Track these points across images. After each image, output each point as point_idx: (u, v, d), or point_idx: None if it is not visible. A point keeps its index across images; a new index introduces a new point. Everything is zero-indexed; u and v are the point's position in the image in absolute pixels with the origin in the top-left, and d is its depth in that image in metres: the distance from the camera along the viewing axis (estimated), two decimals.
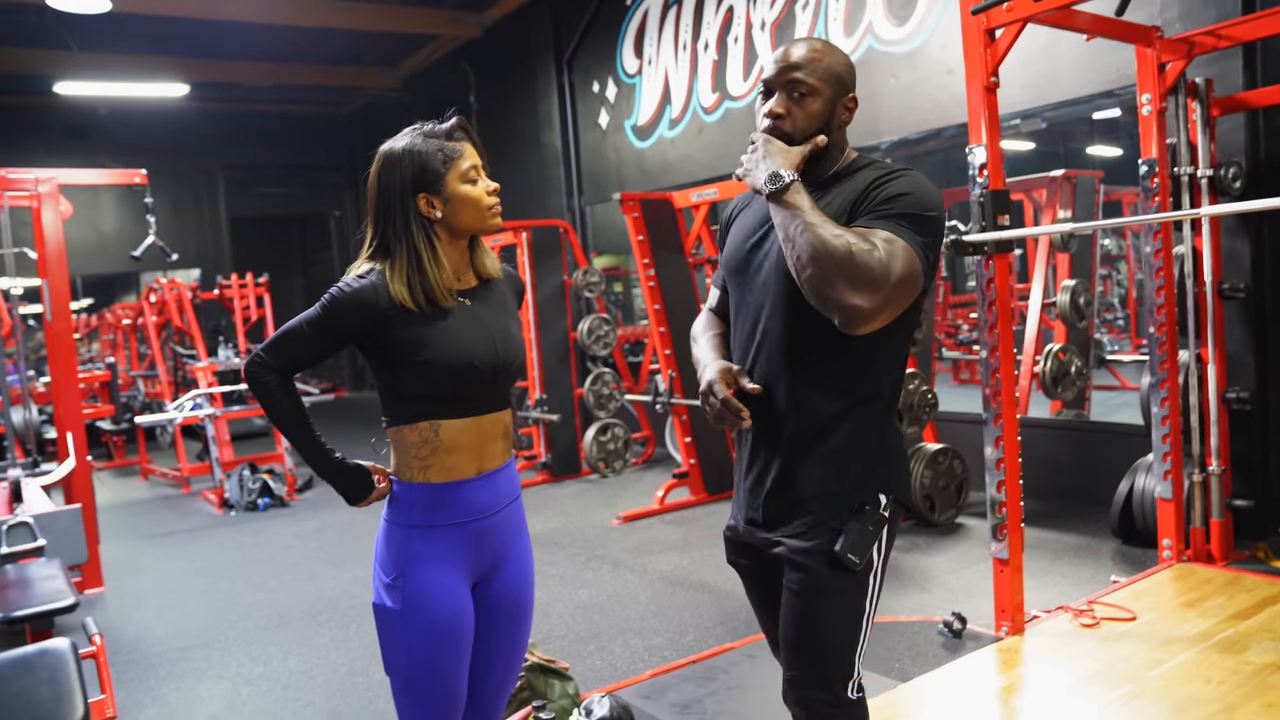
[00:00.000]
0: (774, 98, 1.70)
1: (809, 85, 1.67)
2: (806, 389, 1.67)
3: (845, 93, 1.72)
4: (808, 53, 1.69)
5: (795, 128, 1.68)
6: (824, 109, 1.69)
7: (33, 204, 5.26)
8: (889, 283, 1.51)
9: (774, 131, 1.69)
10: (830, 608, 1.67)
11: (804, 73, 1.67)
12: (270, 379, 1.74)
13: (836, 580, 1.65)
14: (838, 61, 1.71)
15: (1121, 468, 4.65)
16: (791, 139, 1.68)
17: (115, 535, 6.39)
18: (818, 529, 1.66)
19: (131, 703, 3.56)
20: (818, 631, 1.67)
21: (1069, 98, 5.18)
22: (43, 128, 11.96)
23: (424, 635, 1.74)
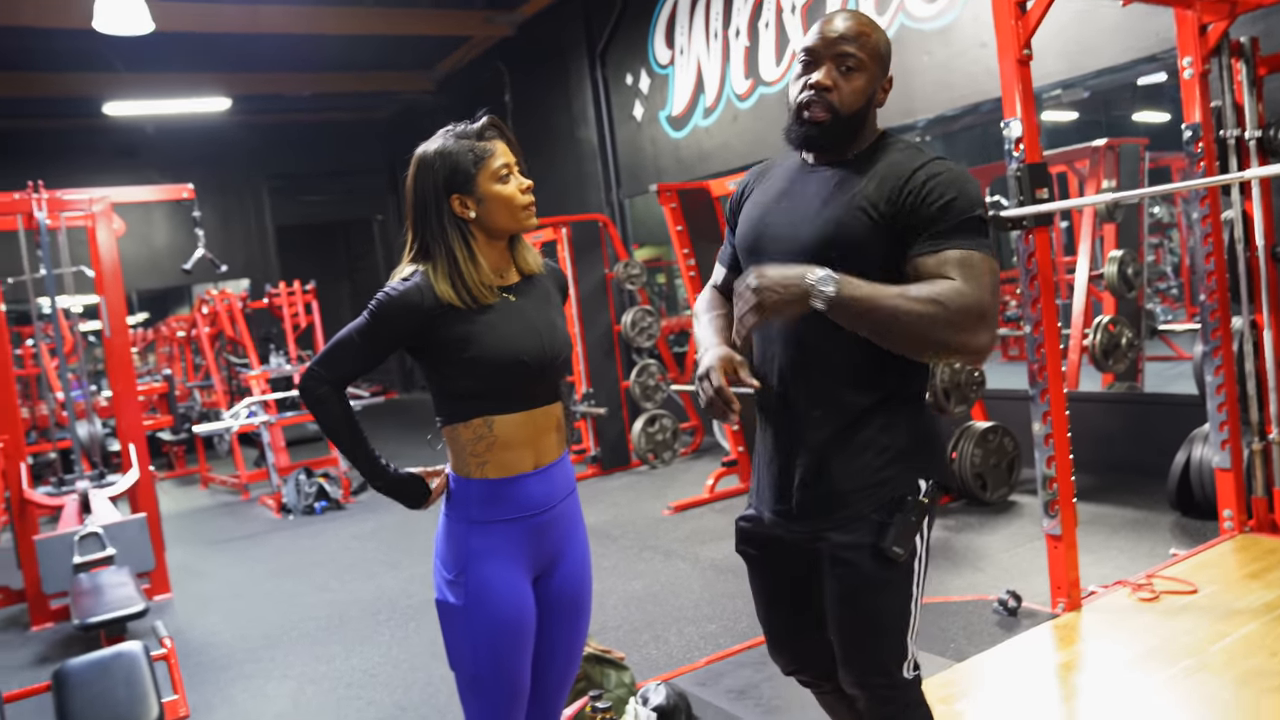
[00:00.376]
0: (820, 69, 1.64)
1: (858, 59, 1.63)
2: (835, 381, 1.66)
3: (885, 73, 1.69)
4: (857, 26, 1.64)
5: (842, 101, 1.63)
6: (868, 86, 1.65)
7: (88, 223, 5.42)
8: (987, 306, 1.51)
9: (817, 106, 1.63)
10: (879, 600, 1.67)
11: (854, 46, 1.63)
12: (323, 391, 1.77)
13: (883, 573, 1.64)
14: (883, 40, 1.68)
15: (1177, 439, 4.56)
16: (837, 113, 1.63)
17: (179, 542, 6.57)
18: (859, 522, 1.65)
19: (202, 703, 3.67)
20: (869, 624, 1.68)
21: (1107, 65, 5.08)
22: (93, 148, 12.27)
23: (487, 630, 1.76)
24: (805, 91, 1.65)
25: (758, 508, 1.81)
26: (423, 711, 3.36)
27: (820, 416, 1.66)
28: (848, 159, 1.69)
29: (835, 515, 1.66)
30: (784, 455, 1.72)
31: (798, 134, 1.69)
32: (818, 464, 1.67)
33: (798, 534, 1.73)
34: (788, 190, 1.73)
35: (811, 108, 1.64)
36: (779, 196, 1.74)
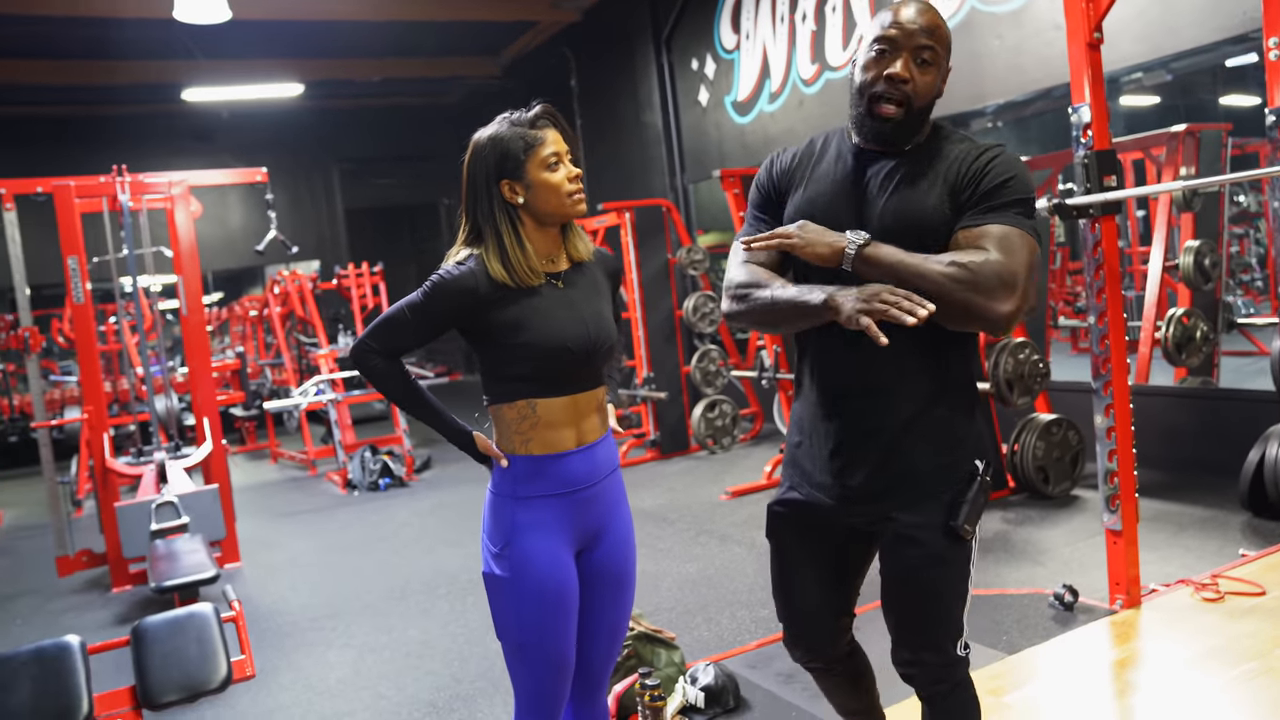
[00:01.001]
0: (898, 60, 1.64)
1: (934, 53, 1.65)
2: (900, 370, 1.68)
3: (948, 64, 1.71)
4: (933, 18, 1.65)
5: (916, 93, 1.64)
6: (937, 80, 1.68)
7: (167, 205, 5.62)
8: (1016, 276, 1.54)
9: (893, 97, 1.64)
10: (946, 576, 1.71)
11: (930, 39, 1.64)
12: (377, 362, 1.84)
13: (951, 550, 1.69)
14: (949, 33, 1.70)
15: (1252, 437, 4.42)
16: (911, 106, 1.64)
17: (249, 514, 6.80)
18: (930, 501, 1.69)
19: (268, 666, 3.81)
20: (933, 600, 1.72)
21: (1190, 47, 4.92)
22: (172, 133, 12.69)
23: (532, 600, 1.82)
24: (881, 83, 1.64)
25: (806, 493, 1.81)
26: (478, 684, 3.44)
27: (886, 405, 1.70)
28: (906, 150, 1.70)
29: (905, 496, 1.70)
30: (849, 442, 1.74)
31: (870, 127, 1.69)
32: (887, 449, 1.70)
33: (859, 517, 1.76)
34: (849, 178, 1.73)
35: (887, 101, 1.64)
36: (839, 184, 1.74)
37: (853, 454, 1.73)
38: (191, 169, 6.33)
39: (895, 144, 1.69)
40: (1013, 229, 1.58)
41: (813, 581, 1.87)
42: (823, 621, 1.89)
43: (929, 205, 1.64)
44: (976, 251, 1.56)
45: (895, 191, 1.67)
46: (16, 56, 9.86)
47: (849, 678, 1.97)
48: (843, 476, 1.74)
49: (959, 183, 1.63)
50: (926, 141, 1.71)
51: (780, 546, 1.90)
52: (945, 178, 1.64)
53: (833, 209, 1.71)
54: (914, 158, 1.69)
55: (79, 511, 7.56)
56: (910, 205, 1.65)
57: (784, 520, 1.87)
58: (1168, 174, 6.13)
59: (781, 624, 1.94)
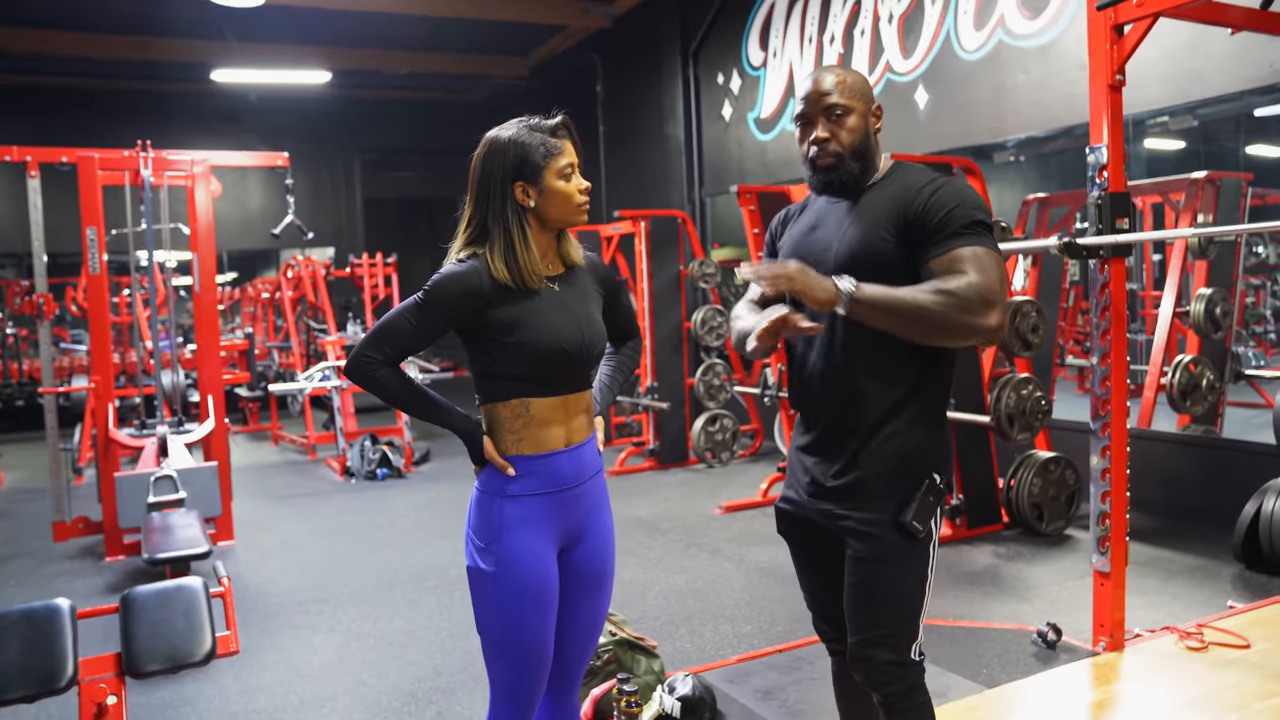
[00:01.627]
0: (816, 125, 1.87)
1: (843, 105, 1.86)
2: (871, 380, 1.84)
3: (871, 104, 1.91)
4: (834, 79, 1.87)
5: (843, 144, 1.86)
6: (860, 123, 1.87)
7: (188, 183, 5.68)
8: (993, 291, 1.71)
9: (823, 155, 1.85)
10: (897, 573, 1.84)
11: (836, 96, 1.86)
12: (382, 373, 1.86)
13: (903, 547, 1.83)
14: (858, 79, 1.90)
15: (1251, 489, 4.42)
16: (842, 157, 1.86)
17: (246, 494, 6.83)
18: (881, 500, 1.84)
19: (252, 644, 3.84)
20: (886, 596, 1.84)
21: (1215, 95, 4.93)
22: (199, 112, 12.78)
23: (514, 596, 1.85)
24: (810, 147, 1.88)
25: (793, 489, 1.99)
26: (458, 678, 3.46)
27: (853, 413, 1.86)
28: (864, 189, 1.90)
29: (859, 497, 1.85)
30: (826, 444, 1.91)
31: (816, 181, 1.92)
32: (849, 453, 1.86)
33: (825, 513, 1.90)
34: (816, 223, 1.94)
35: (820, 158, 1.87)
36: (809, 230, 1.95)
37: (825, 457, 1.90)
38: (216, 149, 6.40)
39: (849, 187, 1.89)
40: (978, 248, 1.74)
41: (817, 571, 2.02)
42: (832, 607, 2.00)
43: (877, 238, 1.82)
44: (956, 276, 1.71)
45: (850, 228, 1.86)
46: (51, 27, 9.97)
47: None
48: (814, 476, 1.92)
49: (909, 216, 1.80)
50: (882, 180, 1.90)
51: (788, 540, 2.07)
52: (893, 211, 1.82)
53: (810, 249, 1.91)
54: (871, 194, 1.88)
55: (79, 479, 7.62)
56: (862, 239, 1.83)
57: (784, 516, 2.03)
58: (1185, 220, 6.13)
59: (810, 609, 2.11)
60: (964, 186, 1.82)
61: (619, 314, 2.10)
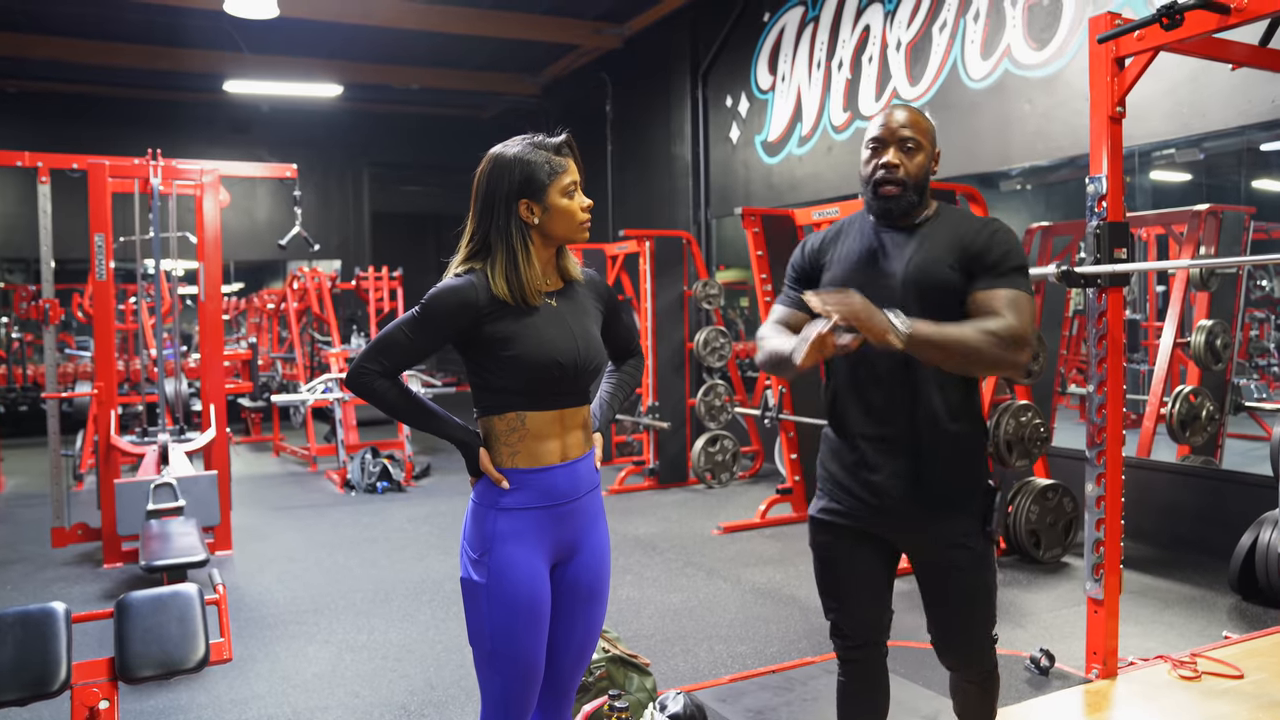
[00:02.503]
0: (888, 152, 2.04)
1: (916, 141, 2.05)
2: (942, 394, 2.03)
3: (934, 148, 2.10)
4: (910, 116, 2.07)
5: (908, 174, 2.04)
6: (925, 161, 2.06)
7: (196, 193, 5.72)
8: (1028, 335, 1.94)
9: (889, 182, 2.02)
10: (984, 575, 2.10)
11: (911, 131, 2.05)
12: (381, 384, 1.89)
13: (987, 552, 2.08)
14: (929, 125, 2.10)
15: (1248, 520, 4.42)
16: (905, 184, 2.03)
17: (246, 504, 6.85)
18: (964, 511, 2.05)
19: (247, 655, 3.84)
20: (984, 597, 2.10)
21: (1217, 129, 4.97)
22: (211, 122, 12.88)
23: (506, 608, 1.87)
24: (879, 171, 2.04)
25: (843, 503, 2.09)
26: (451, 691, 3.46)
27: (929, 427, 2.02)
28: (916, 223, 2.08)
29: (946, 508, 2.05)
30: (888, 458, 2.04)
31: (877, 206, 2.07)
32: (929, 465, 2.02)
33: (900, 529, 2.07)
34: (873, 249, 2.08)
35: (885, 184, 2.04)
36: (867, 255, 2.09)
37: (894, 469, 2.03)
38: (227, 159, 6.44)
39: (904, 217, 2.06)
40: (1019, 293, 1.97)
41: (852, 580, 2.12)
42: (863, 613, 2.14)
43: (945, 268, 2.01)
44: (996, 318, 1.92)
45: (915, 255, 2.03)
46: (67, 35, 10.08)
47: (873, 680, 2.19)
48: (882, 489, 2.03)
49: (971, 251, 2.01)
50: (934, 216, 2.09)
51: (827, 551, 2.14)
52: (959, 246, 2.02)
53: (859, 273, 2.06)
54: (927, 230, 2.07)
55: (79, 485, 7.63)
56: (931, 267, 2.02)
57: (825, 527, 2.13)
58: (1187, 251, 6.15)
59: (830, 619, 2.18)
60: (1012, 233, 2.05)
61: (619, 331, 2.12)
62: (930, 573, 2.10)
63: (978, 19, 6.22)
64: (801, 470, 6.25)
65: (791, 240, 6.54)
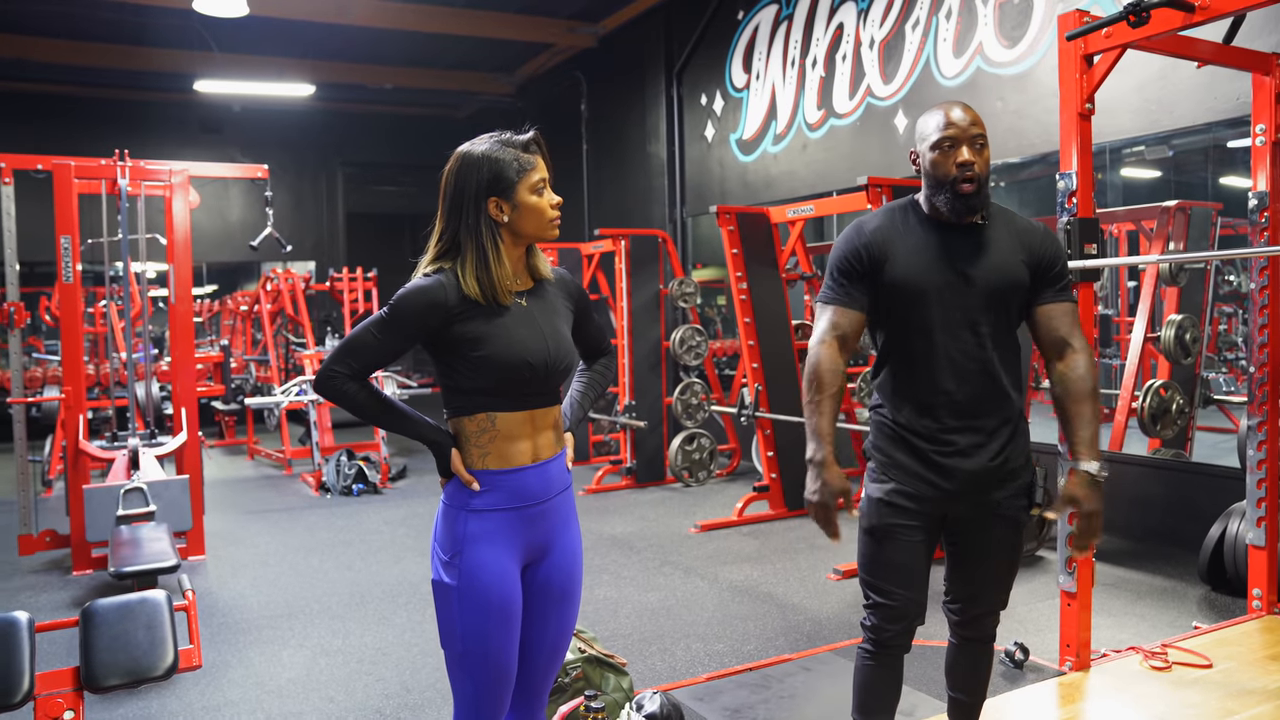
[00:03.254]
0: (962, 150, 2.09)
1: (984, 138, 2.12)
2: (1011, 379, 2.16)
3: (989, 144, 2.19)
4: (972, 114, 2.13)
5: (981, 171, 2.09)
6: (989, 158, 2.14)
7: (166, 193, 5.65)
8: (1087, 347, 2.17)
9: (966, 180, 2.08)
10: (1021, 541, 2.28)
11: (979, 129, 2.12)
12: (350, 387, 1.86)
13: (1028, 521, 2.23)
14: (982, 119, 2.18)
15: (1217, 512, 4.47)
16: (982, 184, 2.10)
17: (219, 508, 6.78)
18: (1021, 485, 2.19)
19: (220, 661, 3.80)
20: (1016, 556, 2.28)
21: (1184, 126, 5.02)
22: (182, 122, 12.74)
23: (477, 609, 1.85)
24: (957, 169, 2.09)
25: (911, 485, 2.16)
26: (427, 694, 3.44)
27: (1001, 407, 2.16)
28: (981, 221, 2.16)
29: (1010, 483, 2.18)
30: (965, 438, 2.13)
31: (960, 205, 2.11)
32: (1001, 442, 2.15)
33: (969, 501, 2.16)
34: (946, 248, 2.14)
35: (965, 182, 2.08)
36: (939, 253, 2.14)
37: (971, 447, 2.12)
38: (198, 159, 6.38)
39: (975, 214, 2.13)
40: (1074, 305, 2.20)
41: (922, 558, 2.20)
42: (919, 598, 2.22)
43: (1017, 269, 2.14)
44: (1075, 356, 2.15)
45: (989, 256, 2.13)
46: (35, 33, 9.93)
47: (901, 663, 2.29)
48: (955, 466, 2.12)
49: (1039, 256, 2.15)
50: (992, 214, 2.18)
51: (897, 530, 2.18)
52: (1024, 248, 2.15)
53: (933, 274, 2.13)
54: (991, 228, 2.16)
55: (48, 491, 7.53)
56: (1008, 268, 2.13)
57: (902, 510, 2.17)
58: (1157, 247, 6.22)
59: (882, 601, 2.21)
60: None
61: (590, 331, 2.11)
62: (977, 532, 2.20)
63: (950, 17, 6.26)
64: (779, 468, 6.26)
65: (767, 238, 6.55)
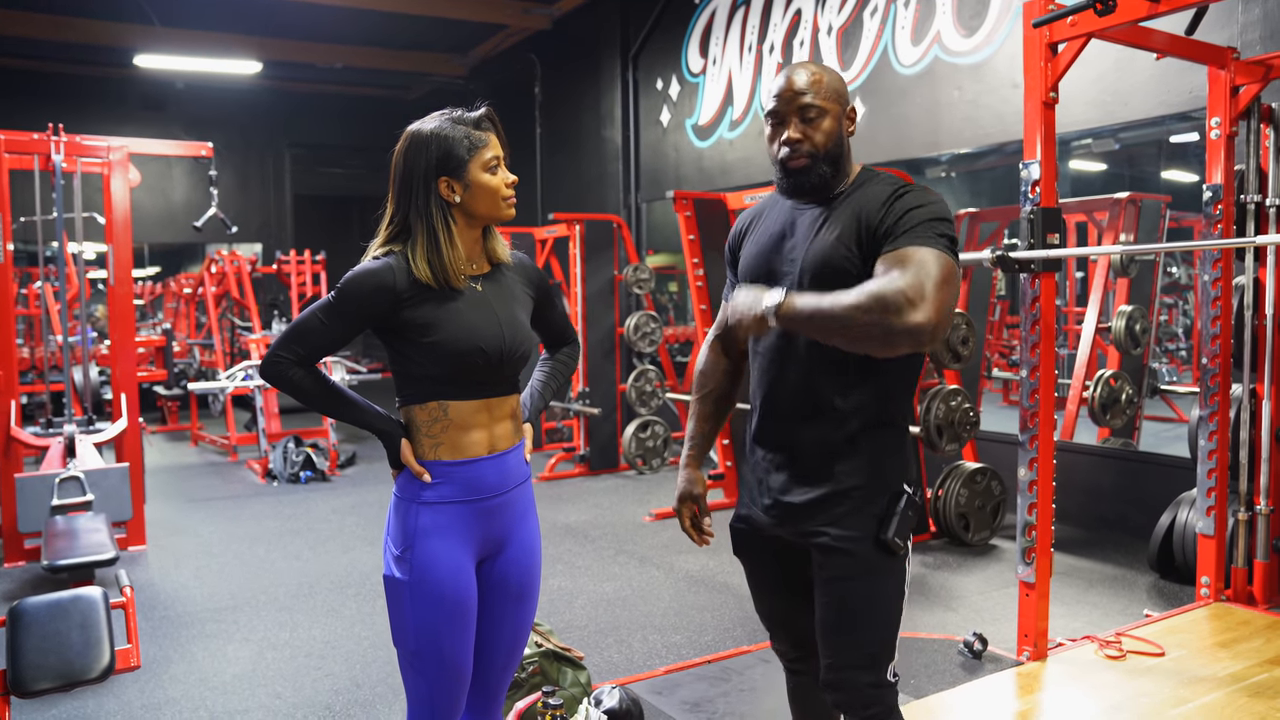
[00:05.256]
0: (788, 125, 1.78)
1: (818, 107, 1.77)
2: (837, 390, 1.75)
3: (846, 105, 1.82)
4: (809, 77, 1.78)
5: (816, 145, 1.77)
6: (834, 126, 1.78)
7: (104, 171, 5.43)
8: (926, 289, 1.56)
9: (795, 156, 1.77)
10: (876, 591, 1.76)
11: (810, 96, 1.77)
12: (295, 373, 1.77)
13: (883, 563, 1.75)
14: (834, 78, 1.81)
15: (1166, 501, 4.53)
16: (816, 159, 1.77)
17: (162, 496, 6.58)
18: (858, 516, 1.75)
19: (161, 656, 3.67)
20: (865, 616, 1.76)
21: (1139, 118, 5.06)
22: (121, 98, 12.33)
23: (429, 606, 1.78)
24: (782, 149, 1.79)
25: (748, 508, 1.90)
26: (379, 689, 3.35)
27: (819, 425, 1.77)
28: (832, 196, 1.81)
29: (832, 512, 1.76)
30: (782, 461, 1.82)
31: (787, 185, 1.82)
32: (819, 467, 1.77)
33: (792, 533, 1.82)
34: (784, 230, 1.84)
35: (791, 159, 1.78)
36: (777, 236, 1.85)
37: (788, 472, 1.80)
38: (139, 137, 6.12)
39: (818, 192, 1.80)
40: (921, 247, 1.63)
41: (777, 591, 1.94)
42: (792, 625, 1.95)
43: (841, 247, 1.73)
44: (881, 277, 1.60)
45: (816, 236, 1.77)
46: None
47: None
48: (778, 494, 1.81)
49: (870, 223, 1.71)
50: (851, 188, 1.81)
51: (746, 559, 1.97)
52: (857, 219, 1.73)
53: (766, 258, 1.84)
54: (836, 204, 1.79)
55: None
56: (826, 249, 1.74)
57: (742, 536, 1.93)
58: (1109, 238, 6.30)
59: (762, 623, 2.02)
60: (930, 194, 1.72)
61: (553, 318, 2.04)
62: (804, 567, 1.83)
63: (908, 5, 6.24)
64: (734, 456, 6.24)
65: (725, 224, 6.50)
